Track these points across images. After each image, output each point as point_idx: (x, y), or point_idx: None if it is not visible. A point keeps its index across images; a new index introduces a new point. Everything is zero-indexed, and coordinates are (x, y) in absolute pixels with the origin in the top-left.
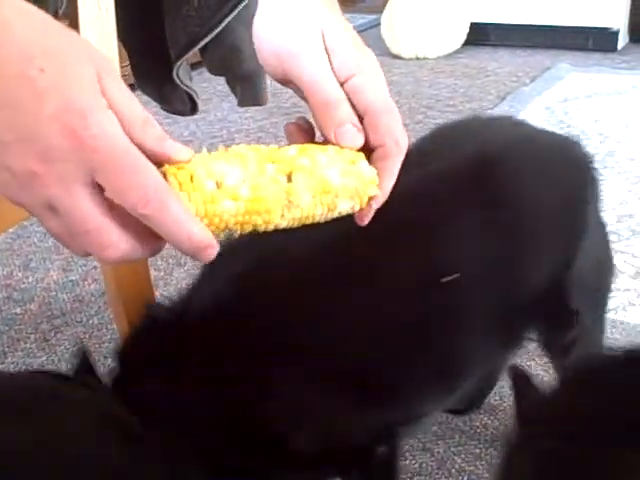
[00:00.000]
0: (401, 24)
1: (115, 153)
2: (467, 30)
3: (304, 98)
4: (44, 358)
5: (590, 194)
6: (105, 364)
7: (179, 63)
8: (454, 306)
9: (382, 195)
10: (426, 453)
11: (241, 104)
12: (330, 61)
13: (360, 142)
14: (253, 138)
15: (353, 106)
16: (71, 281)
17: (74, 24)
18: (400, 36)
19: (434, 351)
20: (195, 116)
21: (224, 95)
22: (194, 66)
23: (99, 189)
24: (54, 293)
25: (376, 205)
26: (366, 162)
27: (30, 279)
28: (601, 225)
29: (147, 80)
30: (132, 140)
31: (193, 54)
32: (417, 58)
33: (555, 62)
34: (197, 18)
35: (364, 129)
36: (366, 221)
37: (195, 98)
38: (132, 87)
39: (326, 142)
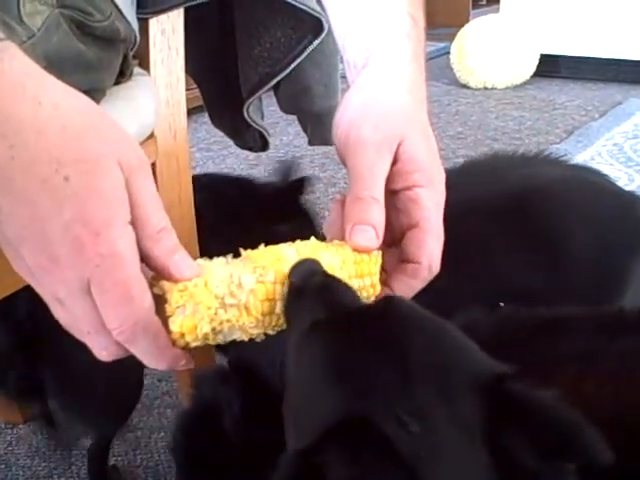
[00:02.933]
0: (470, 53)
1: (112, 278)
2: (537, 61)
3: None
4: None
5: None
6: None
7: (250, 101)
8: None
9: None
10: None
11: (311, 143)
12: (401, 165)
13: (372, 247)
14: (317, 164)
15: (405, 214)
16: None
17: (145, 64)
18: (469, 65)
19: None
20: None
21: (290, 120)
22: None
23: None
24: None
25: None
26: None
27: None
28: None
29: (220, 116)
30: (140, 246)
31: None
32: (485, 88)
33: (627, 97)
34: (268, 58)
35: (407, 240)
36: None
37: (266, 136)
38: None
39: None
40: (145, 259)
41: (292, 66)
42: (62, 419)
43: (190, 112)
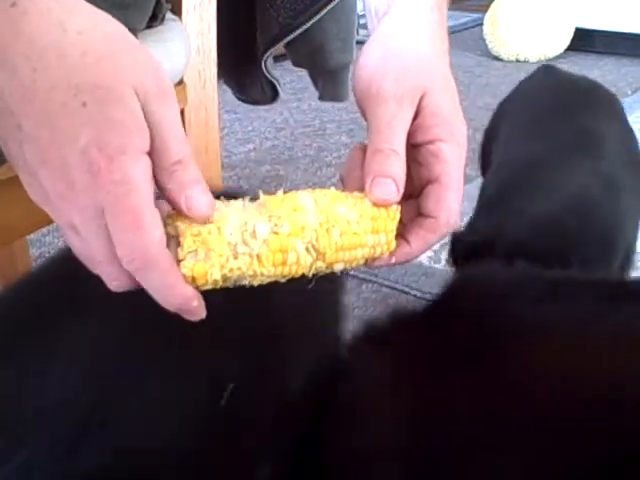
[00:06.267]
0: (504, 25)
1: (123, 205)
2: (571, 35)
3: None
4: None
5: None
6: None
7: (269, 53)
8: None
9: (403, 256)
10: None
11: (321, 98)
12: (423, 118)
13: (392, 201)
14: (345, 130)
15: (426, 168)
16: None
17: (177, 10)
18: (502, 37)
19: None
20: (289, 104)
21: None
22: (281, 57)
23: None
24: None
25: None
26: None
27: None
28: None
29: (229, 68)
30: (156, 178)
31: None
32: (517, 61)
33: None
34: (290, 10)
35: (426, 195)
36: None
37: (278, 88)
38: None
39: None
40: (161, 192)
41: (315, 19)
42: None
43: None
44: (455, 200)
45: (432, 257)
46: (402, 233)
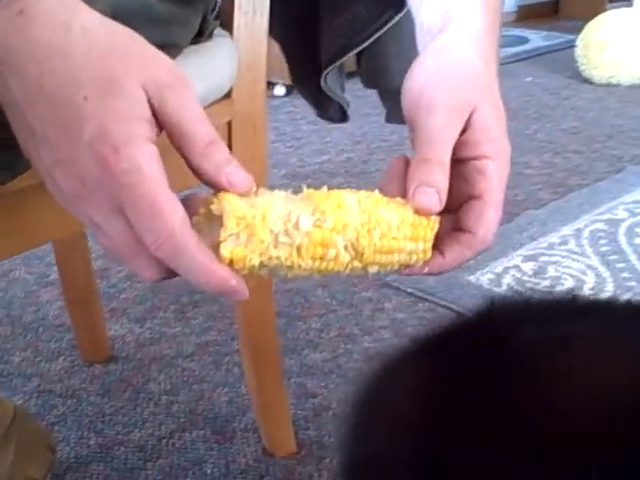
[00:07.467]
0: (597, 47)
1: (138, 192)
2: None
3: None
4: (178, 329)
5: None
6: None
7: (327, 71)
8: None
9: (437, 268)
10: None
11: (387, 120)
12: (471, 133)
13: (434, 211)
14: None
15: (469, 184)
16: None
17: (228, 25)
18: (594, 59)
19: None
20: (370, 118)
21: None
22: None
23: None
24: None
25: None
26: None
27: None
28: None
29: (302, 85)
30: (190, 163)
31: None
32: (609, 84)
33: None
34: (348, 30)
35: (466, 210)
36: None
37: (345, 107)
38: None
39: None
40: (198, 177)
41: (370, 40)
42: None
43: None
44: (495, 219)
45: (493, 280)
46: (437, 245)
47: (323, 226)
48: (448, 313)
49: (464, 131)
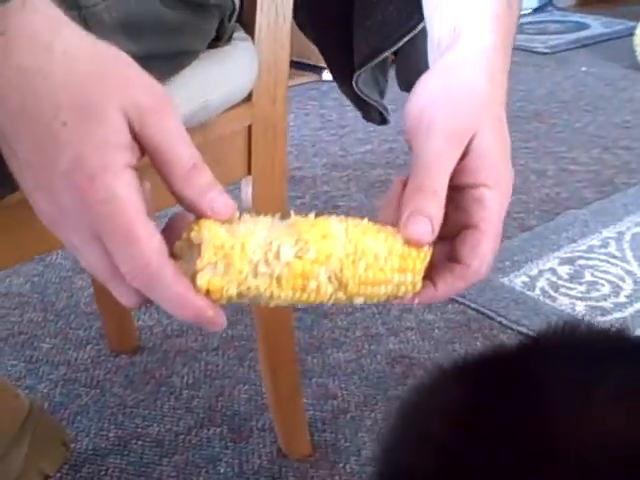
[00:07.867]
0: None
1: (114, 222)
2: None
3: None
4: None
5: None
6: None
7: (358, 73)
8: None
9: (427, 299)
10: None
11: None
12: (470, 160)
13: (425, 241)
14: None
15: (465, 213)
16: None
17: (250, 29)
18: None
19: None
20: None
21: None
22: None
23: None
24: None
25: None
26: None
27: None
28: None
29: (342, 86)
30: (172, 188)
31: None
32: None
33: None
34: (379, 32)
35: (461, 240)
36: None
37: (382, 110)
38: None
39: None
40: (180, 203)
41: (401, 43)
42: None
43: None
44: (491, 250)
45: (526, 283)
46: (430, 274)
47: (304, 257)
48: (477, 317)
49: (464, 156)
